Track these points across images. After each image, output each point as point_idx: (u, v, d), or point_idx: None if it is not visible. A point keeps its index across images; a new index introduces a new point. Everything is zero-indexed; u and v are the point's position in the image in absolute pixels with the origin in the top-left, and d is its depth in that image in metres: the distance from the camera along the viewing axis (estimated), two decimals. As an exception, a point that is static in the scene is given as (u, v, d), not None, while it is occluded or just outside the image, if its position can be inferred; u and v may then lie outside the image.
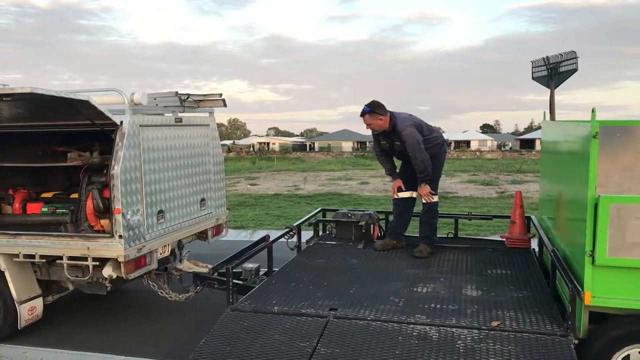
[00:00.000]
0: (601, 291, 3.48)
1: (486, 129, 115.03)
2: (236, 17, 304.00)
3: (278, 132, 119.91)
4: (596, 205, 3.41)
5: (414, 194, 5.89)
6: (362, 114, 5.57)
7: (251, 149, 66.84)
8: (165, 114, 5.67)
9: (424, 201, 5.72)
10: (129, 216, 4.68)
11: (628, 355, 3.50)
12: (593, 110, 3.49)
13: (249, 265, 5.29)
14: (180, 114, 5.75)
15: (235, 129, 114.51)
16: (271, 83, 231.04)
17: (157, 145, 5.14)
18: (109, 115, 4.57)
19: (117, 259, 4.65)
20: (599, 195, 3.41)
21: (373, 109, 5.54)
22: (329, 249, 6.10)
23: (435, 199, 5.79)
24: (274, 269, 5.37)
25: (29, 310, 5.11)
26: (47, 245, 4.88)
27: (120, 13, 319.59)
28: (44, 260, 5.01)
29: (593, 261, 3.45)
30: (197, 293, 5.47)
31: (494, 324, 3.80)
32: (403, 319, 3.94)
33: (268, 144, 77.37)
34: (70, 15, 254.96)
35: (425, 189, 5.68)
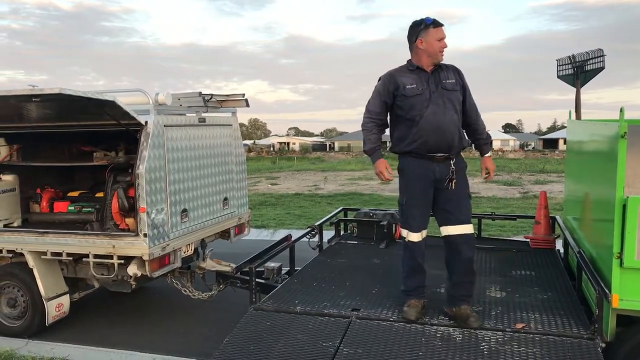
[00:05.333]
0: (629, 294, 3.41)
1: (508, 128, 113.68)
2: (256, 18, 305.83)
3: (298, 132, 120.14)
4: (624, 207, 3.34)
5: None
6: (442, 24, 3.86)
7: (271, 148, 67.13)
8: (189, 114, 5.73)
9: (490, 178, 4.12)
10: (153, 215, 4.74)
11: (657, 360, 3.43)
12: (621, 110, 3.43)
13: (271, 264, 5.30)
14: (203, 114, 5.80)
15: (255, 129, 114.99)
16: (291, 83, 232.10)
17: (181, 145, 5.19)
18: (134, 115, 4.63)
19: (141, 257, 4.71)
20: (628, 197, 3.34)
21: None
22: (350, 249, 6.09)
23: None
24: (296, 268, 5.39)
25: (56, 307, 5.21)
26: (74, 244, 4.97)
27: (141, 14, 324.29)
28: (70, 258, 5.10)
29: (621, 263, 3.38)
30: (220, 292, 5.52)
31: (519, 326, 3.75)
32: (426, 320, 3.92)
33: (288, 143, 77.49)
34: (93, 17, 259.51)
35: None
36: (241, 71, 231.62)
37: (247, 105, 6.26)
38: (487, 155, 4.10)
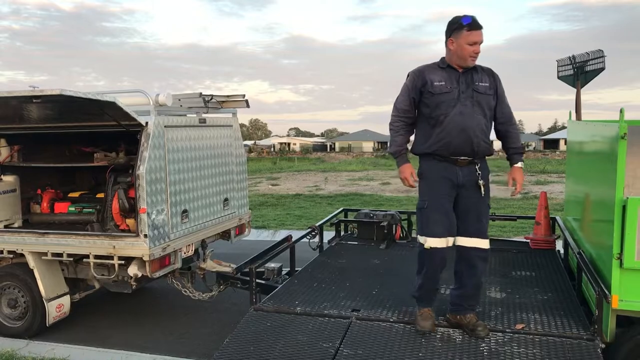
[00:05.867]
0: (629, 295, 3.42)
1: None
2: (257, 18, 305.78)
3: (299, 133, 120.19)
4: (624, 208, 3.35)
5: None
6: (480, 26, 3.58)
7: (272, 149, 67.11)
8: (189, 115, 5.73)
9: (517, 191, 3.83)
10: (154, 216, 4.74)
11: (657, 360, 3.43)
12: (621, 111, 3.43)
13: (272, 265, 5.31)
14: (203, 115, 5.81)
15: (256, 130, 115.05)
16: (292, 83, 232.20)
17: (182, 145, 5.19)
18: (135, 116, 4.64)
19: (142, 257, 4.72)
20: (627, 197, 3.35)
21: None
22: (351, 249, 6.10)
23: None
24: (296, 269, 5.39)
25: (57, 307, 5.22)
26: (74, 244, 4.97)
27: (142, 15, 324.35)
28: (71, 259, 5.10)
29: (621, 264, 3.38)
30: (221, 292, 5.52)
31: (519, 326, 3.75)
32: (426, 320, 3.91)
33: (289, 144, 77.52)
34: (94, 17, 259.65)
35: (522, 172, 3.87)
36: (242, 71, 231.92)
37: (248, 106, 6.28)
38: (516, 165, 3.83)
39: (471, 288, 3.78)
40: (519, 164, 3.85)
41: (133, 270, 4.81)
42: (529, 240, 6.03)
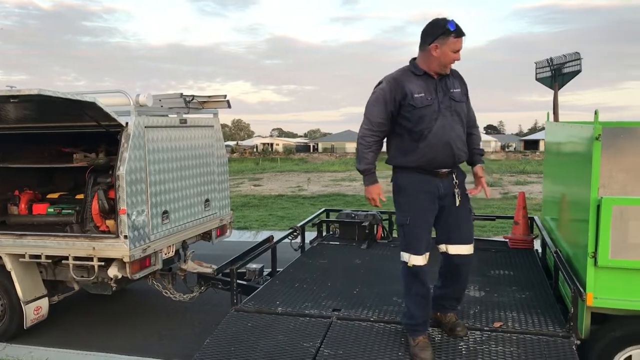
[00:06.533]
0: (603, 292, 3.49)
1: (490, 129, 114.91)
2: (240, 19, 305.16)
3: (282, 133, 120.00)
4: (599, 207, 3.42)
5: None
6: (464, 33, 3.42)
7: (255, 149, 66.89)
8: (170, 115, 5.71)
9: (477, 192, 3.83)
10: (134, 217, 4.71)
11: (630, 356, 3.51)
12: (596, 112, 3.50)
13: (253, 265, 5.31)
14: (184, 115, 5.79)
15: (238, 130, 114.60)
16: (275, 84, 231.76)
17: (162, 146, 5.17)
18: (115, 116, 4.61)
19: (122, 259, 4.69)
20: (602, 197, 3.42)
21: None
22: (332, 250, 6.12)
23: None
24: (277, 270, 5.40)
25: (35, 310, 5.15)
26: (53, 246, 4.92)
27: (123, 14, 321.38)
28: (49, 261, 5.05)
29: (595, 262, 3.45)
30: (202, 293, 5.51)
31: (497, 325, 3.81)
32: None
33: (272, 144, 77.35)
34: (74, 16, 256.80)
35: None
36: (224, 72, 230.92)
37: (229, 106, 6.27)
38: (480, 165, 3.82)
39: (454, 291, 3.77)
40: (481, 164, 3.84)
41: (113, 271, 4.77)
42: (507, 240, 6.11)
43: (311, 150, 77.00)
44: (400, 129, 3.55)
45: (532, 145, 69.94)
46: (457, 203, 3.60)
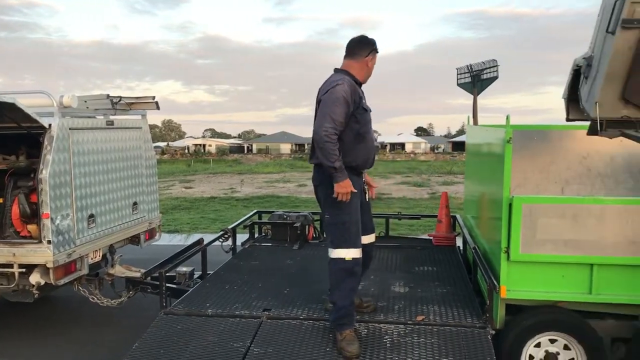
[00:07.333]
0: (515, 285, 3.76)
1: (420, 131, 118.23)
2: (170, 17, 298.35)
3: (214, 134, 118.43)
4: (510, 206, 3.68)
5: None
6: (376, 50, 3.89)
7: (186, 151, 65.60)
8: (97, 117, 5.58)
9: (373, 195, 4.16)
10: (58, 221, 4.58)
11: (539, 343, 3.79)
12: (507, 117, 3.76)
13: (183, 269, 5.29)
14: (111, 117, 5.67)
15: (169, 131, 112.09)
16: (207, 84, 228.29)
17: (88, 148, 5.05)
18: (37, 118, 4.47)
19: (45, 264, 4.54)
20: (513, 196, 3.68)
21: None
22: (264, 251, 6.18)
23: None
24: (208, 272, 5.39)
25: (-51, 320, 4.90)
26: (-31, 253, 4.69)
27: (45, 9, 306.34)
28: (-35, 269, 4.81)
29: (508, 257, 3.71)
30: (130, 298, 5.41)
31: (419, 318, 4.01)
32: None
33: (204, 145, 76.08)
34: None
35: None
36: (154, 71, 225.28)
37: (158, 108, 6.19)
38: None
39: (363, 274, 4.12)
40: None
41: (35, 278, 4.61)
42: (432, 238, 6.40)
43: (245, 151, 76.41)
44: (349, 131, 3.71)
45: (460, 146, 72.39)
46: (367, 198, 4.06)
